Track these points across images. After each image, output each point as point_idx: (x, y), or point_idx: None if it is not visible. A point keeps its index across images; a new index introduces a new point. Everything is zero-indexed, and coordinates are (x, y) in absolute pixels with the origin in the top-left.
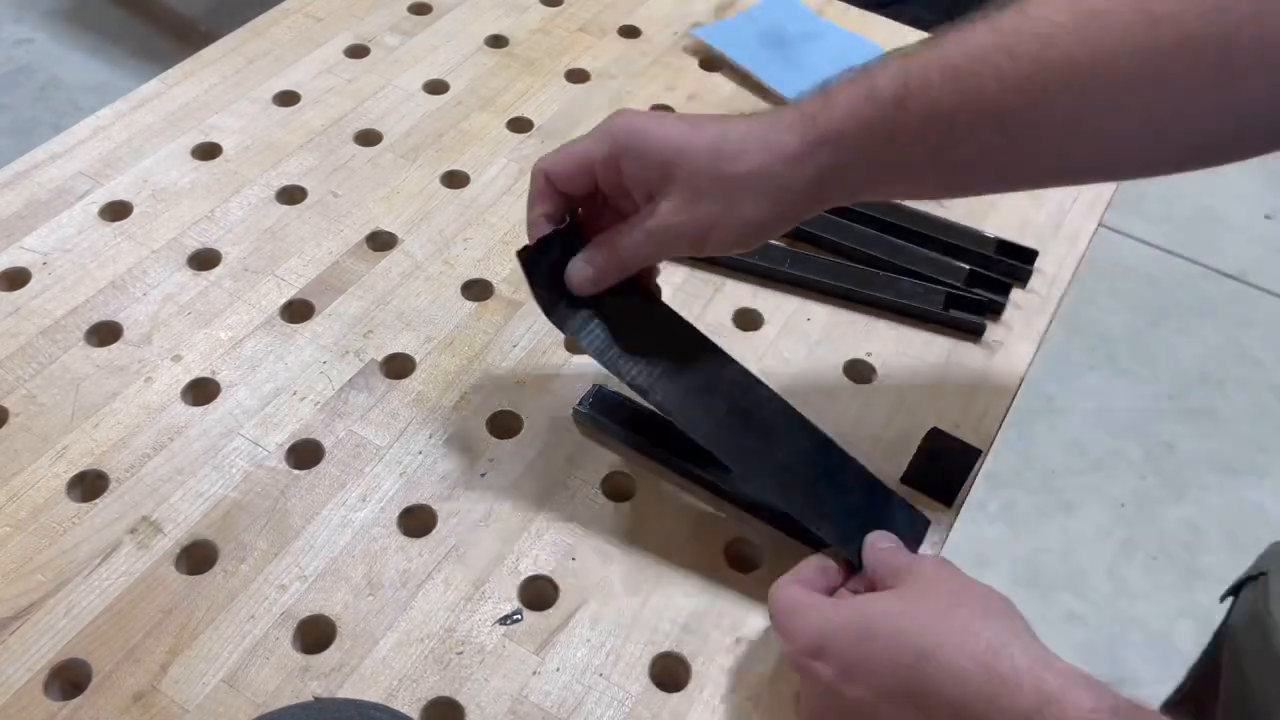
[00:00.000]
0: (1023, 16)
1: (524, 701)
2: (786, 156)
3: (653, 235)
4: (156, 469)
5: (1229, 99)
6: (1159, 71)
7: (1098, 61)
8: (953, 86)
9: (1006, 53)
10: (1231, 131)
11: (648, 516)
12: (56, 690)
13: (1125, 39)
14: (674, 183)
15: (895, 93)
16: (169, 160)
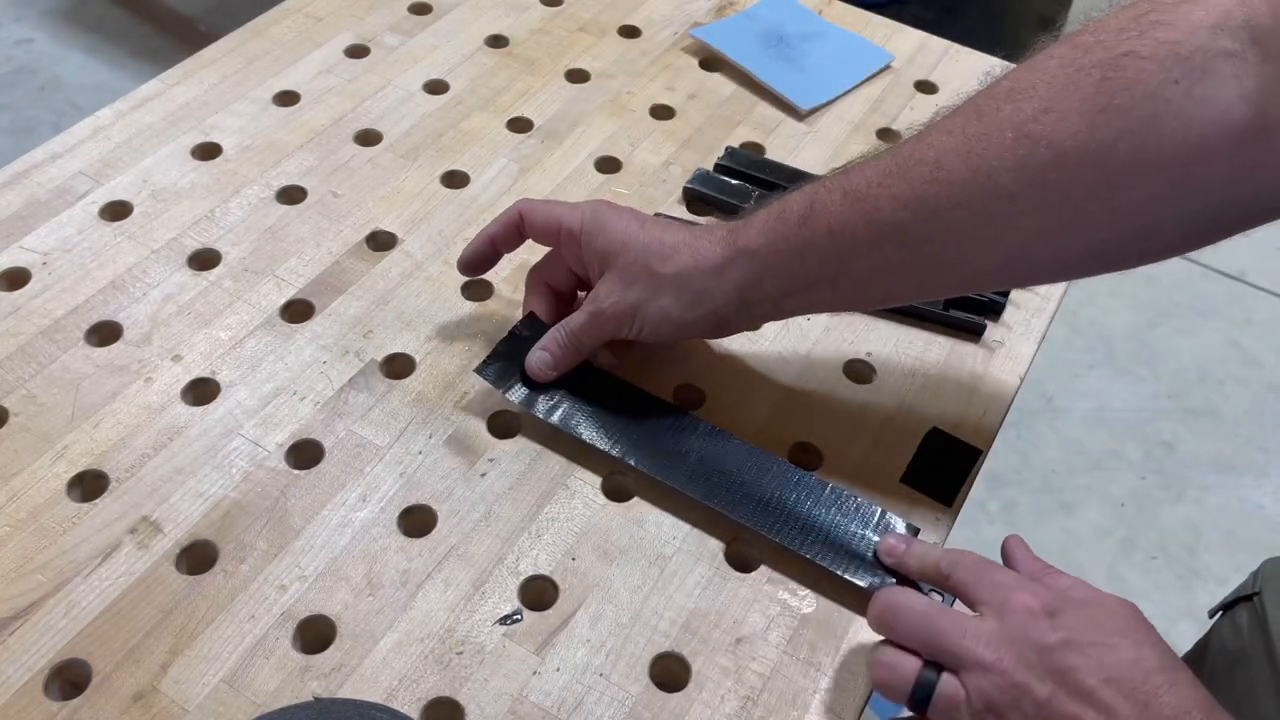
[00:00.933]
0: (919, 143)
1: (524, 701)
2: (708, 266)
3: (592, 316)
4: (156, 469)
5: (1114, 208)
6: (1039, 185)
7: (980, 179)
8: (853, 207)
9: (901, 175)
10: (1122, 237)
11: (648, 516)
12: (56, 690)
13: (1005, 158)
14: (613, 269)
15: (802, 213)
16: (169, 160)
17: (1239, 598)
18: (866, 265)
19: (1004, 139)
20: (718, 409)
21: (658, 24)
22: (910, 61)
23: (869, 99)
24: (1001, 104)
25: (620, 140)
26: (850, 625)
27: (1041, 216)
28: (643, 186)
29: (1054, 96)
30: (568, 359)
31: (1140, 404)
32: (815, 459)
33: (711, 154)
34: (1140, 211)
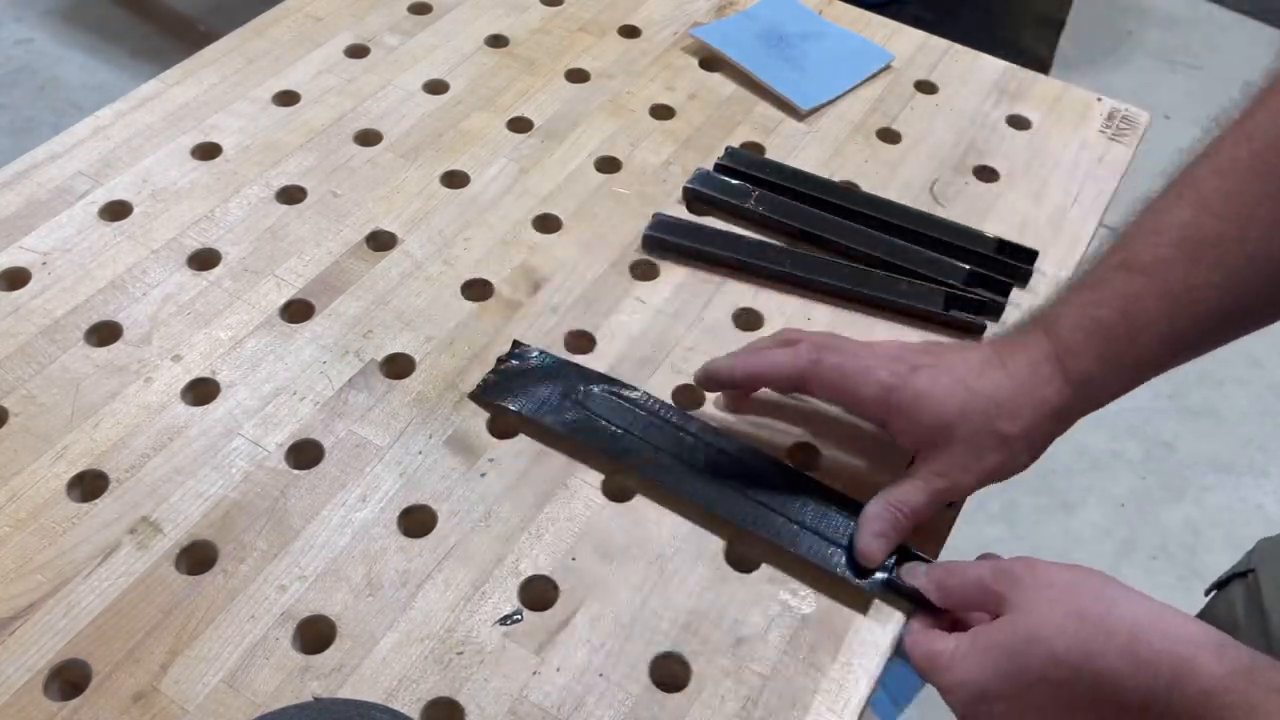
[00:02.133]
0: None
1: (524, 701)
2: (1050, 411)
3: (938, 495)
4: (156, 469)
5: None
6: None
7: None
8: (1176, 311)
9: (1210, 264)
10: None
11: (648, 516)
12: (56, 691)
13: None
14: (954, 443)
15: (1128, 329)
16: (169, 160)
17: (1234, 574)
18: (1195, 355)
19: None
20: (717, 408)
21: (658, 24)
22: (910, 61)
23: (869, 99)
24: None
25: (620, 140)
26: (850, 625)
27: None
28: (643, 186)
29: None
30: (901, 538)
31: (1140, 404)
32: (815, 459)
33: (711, 154)
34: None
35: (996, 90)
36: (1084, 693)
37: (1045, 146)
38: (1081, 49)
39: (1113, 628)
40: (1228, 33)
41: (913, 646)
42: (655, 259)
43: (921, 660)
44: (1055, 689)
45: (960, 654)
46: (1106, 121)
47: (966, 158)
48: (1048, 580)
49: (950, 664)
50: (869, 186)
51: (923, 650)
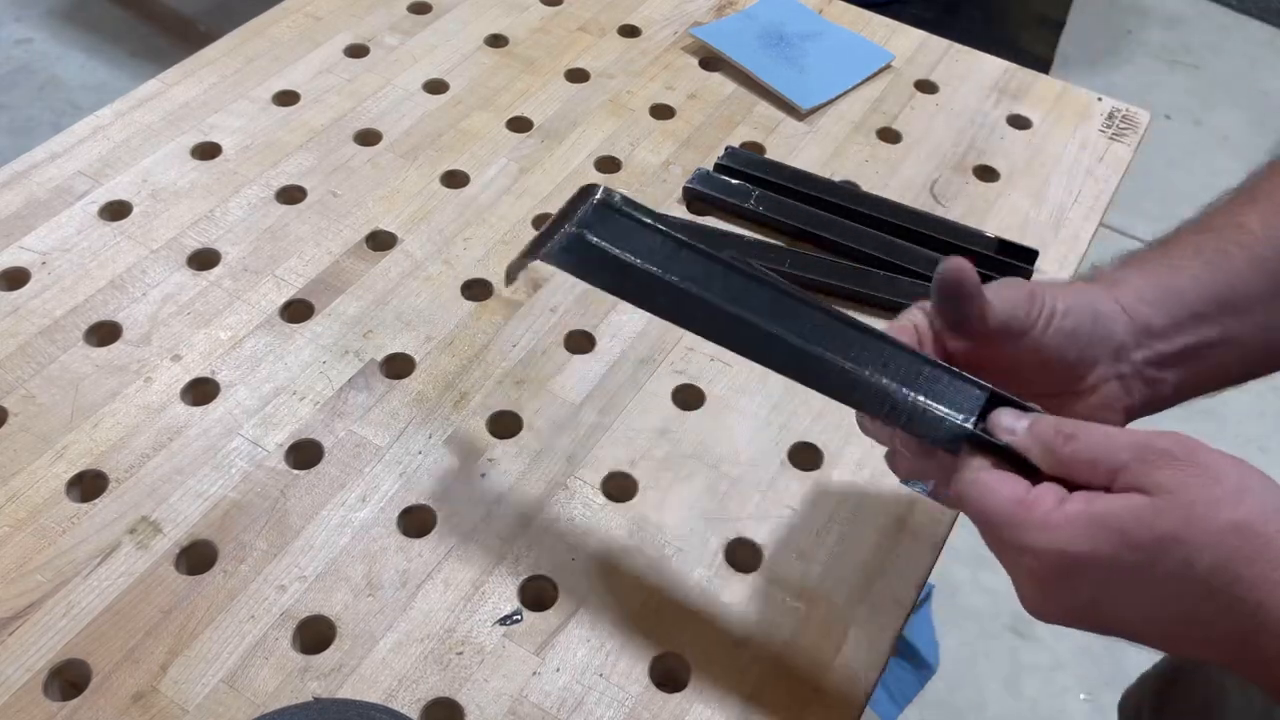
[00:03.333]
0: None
1: (524, 702)
2: (1077, 290)
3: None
4: (156, 469)
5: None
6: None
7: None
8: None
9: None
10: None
11: (648, 516)
12: (56, 691)
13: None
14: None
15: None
16: (168, 160)
17: None
18: (1257, 289)
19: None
20: (717, 408)
21: (657, 23)
22: (910, 61)
23: (869, 99)
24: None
25: (620, 140)
26: (850, 626)
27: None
28: (643, 186)
29: None
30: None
31: None
32: (815, 458)
33: (711, 154)
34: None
35: (997, 90)
36: (1212, 618)
37: (1045, 146)
38: (1081, 49)
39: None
40: (1228, 33)
41: (984, 486)
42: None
43: (1004, 505)
44: (1178, 602)
45: (1065, 515)
46: (1106, 121)
47: (966, 157)
48: (1213, 473)
49: (1046, 521)
50: (869, 186)
51: (1005, 494)
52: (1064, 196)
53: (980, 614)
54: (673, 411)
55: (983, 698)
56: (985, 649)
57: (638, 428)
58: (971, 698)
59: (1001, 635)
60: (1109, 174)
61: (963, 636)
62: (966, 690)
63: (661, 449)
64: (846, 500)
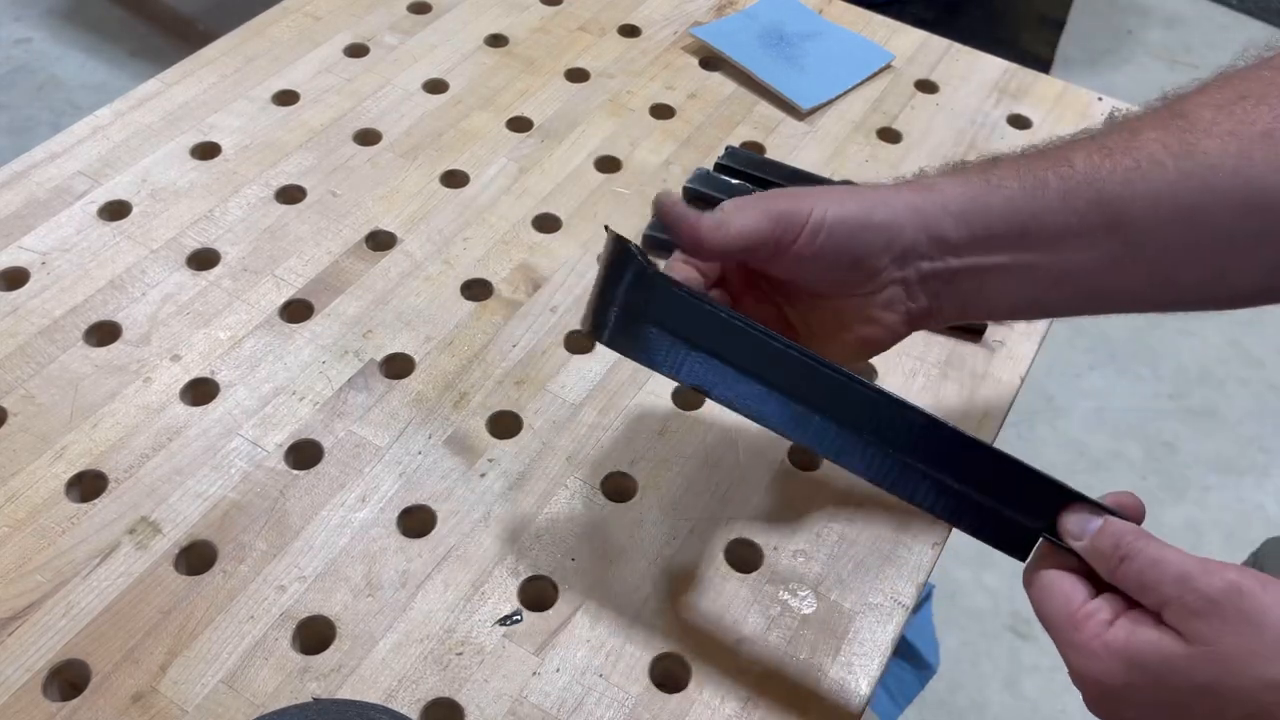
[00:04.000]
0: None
1: (524, 702)
2: (880, 186)
3: (756, 201)
4: (155, 469)
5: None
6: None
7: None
8: (1040, 159)
9: (1092, 137)
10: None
11: (648, 516)
12: (55, 691)
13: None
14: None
15: (982, 163)
16: (168, 160)
17: None
18: (1057, 223)
19: (1202, 117)
20: (717, 408)
21: (657, 23)
22: (911, 61)
23: (869, 98)
24: (1191, 97)
25: (620, 140)
26: (850, 625)
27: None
28: (643, 186)
29: (1246, 86)
30: (730, 242)
31: (1141, 404)
32: (815, 459)
33: (711, 153)
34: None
35: (997, 89)
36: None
37: None
38: (1082, 48)
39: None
40: (1228, 33)
41: (1043, 588)
42: (656, 258)
43: (1056, 614)
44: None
45: (1105, 644)
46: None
47: (967, 157)
48: (1256, 625)
49: (1087, 646)
50: None
51: (1059, 603)
52: None
53: (980, 614)
54: (673, 411)
55: (983, 698)
56: (985, 649)
57: (638, 428)
58: (972, 698)
59: (1002, 635)
60: None
61: (963, 636)
62: (967, 690)
63: (661, 449)
64: (846, 500)
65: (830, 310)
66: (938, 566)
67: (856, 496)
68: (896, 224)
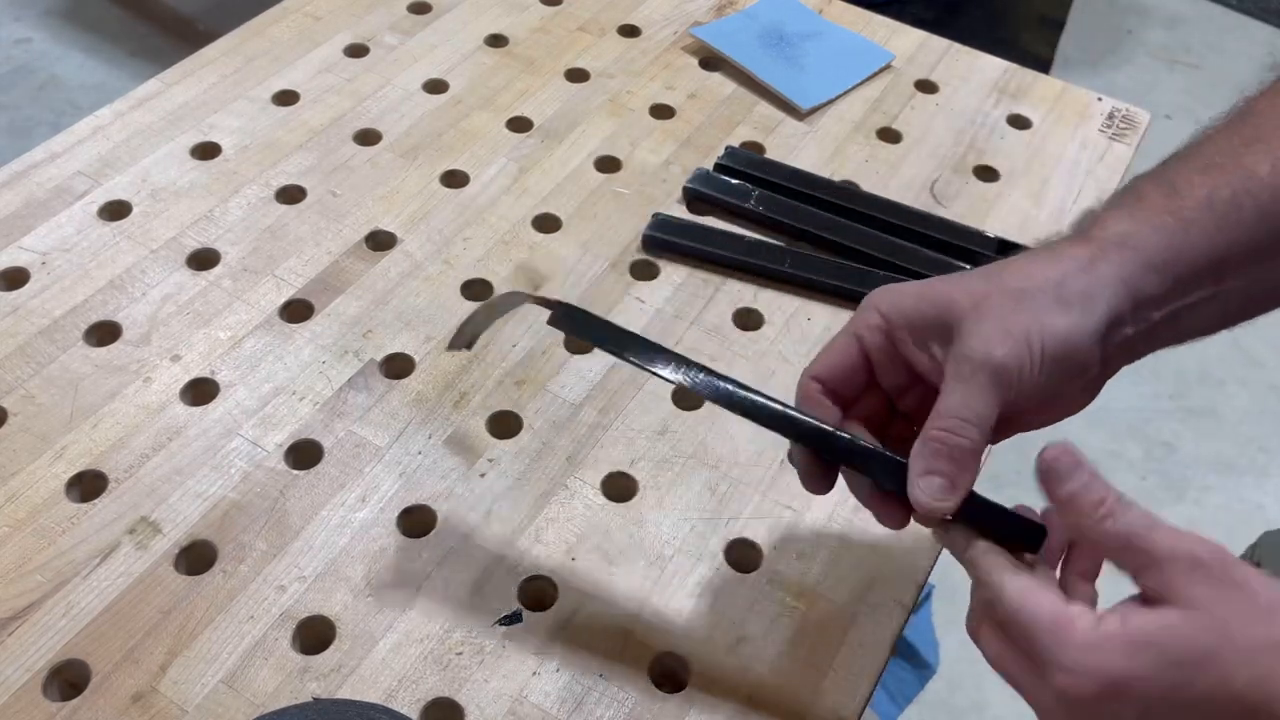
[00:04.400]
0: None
1: (524, 702)
2: (1076, 265)
3: (985, 378)
4: (155, 469)
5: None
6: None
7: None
8: (1221, 177)
9: (1261, 140)
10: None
11: (648, 517)
12: (55, 691)
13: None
14: (965, 318)
15: (1163, 190)
16: (168, 160)
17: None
18: (1255, 244)
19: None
20: (717, 409)
21: (657, 23)
22: (910, 61)
23: (869, 98)
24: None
25: (620, 140)
26: (850, 625)
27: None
28: (643, 186)
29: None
30: (970, 471)
31: (1141, 404)
32: None
33: (711, 153)
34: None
35: (997, 90)
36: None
37: (1045, 146)
38: (1082, 48)
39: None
40: (1228, 33)
41: (1022, 596)
42: (655, 259)
43: (1042, 621)
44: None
45: (1103, 634)
46: (1107, 121)
47: (967, 157)
48: (1247, 590)
49: (1083, 641)
50: (869, 186)
51: (1046, 609)
52: (1064, 196)
53: None
54: (673, 411)
55: (983, 697)
56: None
57: (638, 428)
58: (972, 698)
59: None
60: (1109, 174)
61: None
62: (966, 690)
63: (661, 449)
64: (846, 500)
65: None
66: (938, 566)
67: None
68: (1110, 314)
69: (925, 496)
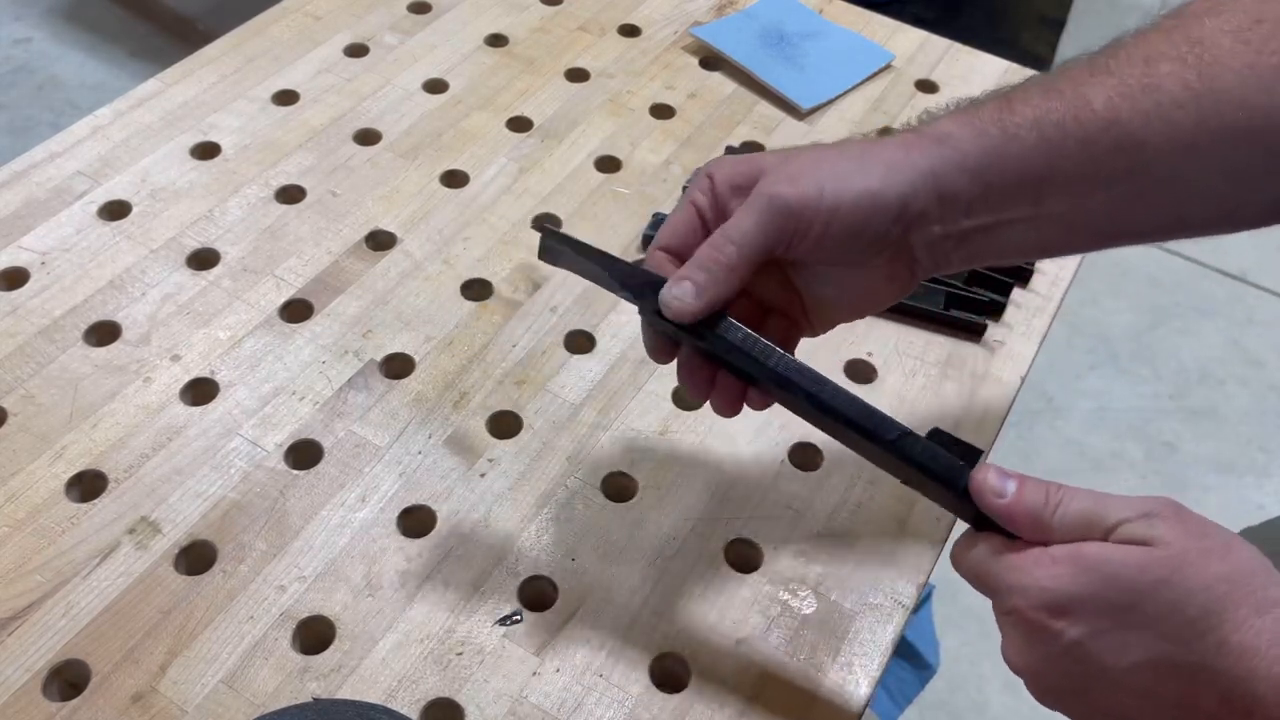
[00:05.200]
0: (1120, 49)
1: (523, 702)
2: (892, 145)
3: (764, 208)
4: (155, 469)
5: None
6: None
7: (1203, 80)
8: (1059, 101)
9: (1110, 72)
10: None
11: (648, 516)
12: (55, 691)
13: (1226, 60)
14: (769, 170)
15: (997, 105)
16: (168, 159)
17: None
18: (1077, 171)
19: (1220, 46)
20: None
21: (657, 23)
22: (911, 61)
23: (869, 98)
24: (1204, 19)
25: (620, 139)
26: (850, 625)
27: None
28: (643, 186)
29: (1262, 9)
30: (722, 284)
31: (1141, 404)
32: (815, 458)
33: (712, 153)
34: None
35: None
36: (1199, 662)
37: None
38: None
39: (1267, 604)
40: None
41: (970, 546)
42: None
43: (992, 561)
44: (1165, 644)
45: (1054, 556)
46: None
47: None
48: (1204, 530)
49: (1032, 564)
50: None
51: (999, 544)
52: None
53: (981, 614)
54: (673, 411)
55: (983, 698)
56: (986, 649)
57: (638, 428)
58: (972, 698)
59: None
60: None
61: (963, 636)
62: (967, 690)
63: (661, 449)
64: (846, 500)
65: (834, 274)
66: (938, 566)
67: (856, 496)
68: (909, 194)
69: (671, 298)
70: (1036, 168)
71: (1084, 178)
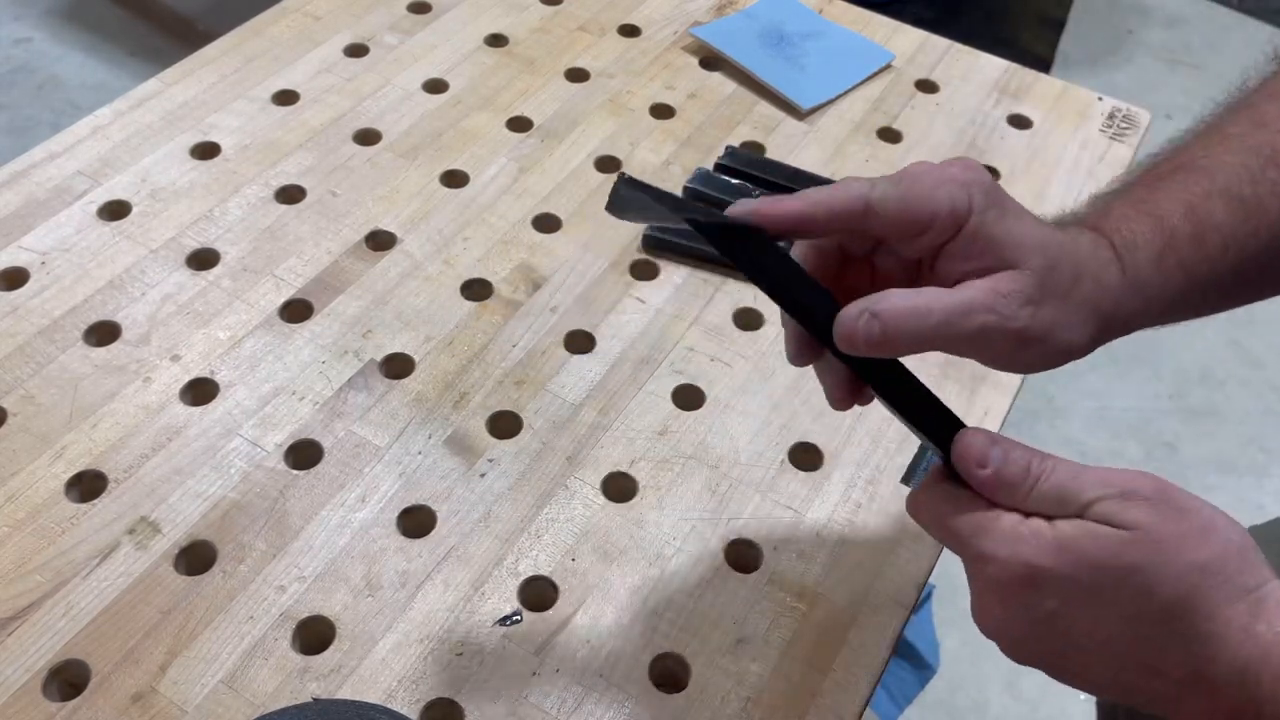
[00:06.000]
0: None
1: (523, 702)
2: (1110, 297)
3: (991, 301)
4: (155, 469)
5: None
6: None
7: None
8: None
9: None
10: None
11: (648, 517)
12: (55, 691)
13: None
14: (1027, 267)
15: (1187, 226)
16: (168, 159)
17: None
18: (1257, 286)
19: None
20: (717, 408)
21: (657, 23)
22: (911, 61)
23: (869, 98)
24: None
25: (620, 139)
26: (850, 625)
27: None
28: None
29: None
30: (910, 341)
31: (1142, 404)
32: (815, 458)
33: (712, 153)
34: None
35: (997, 89)
36: (1166, 642)
37: (1046, 146)
38: (1082, 48)
39: (1239, 593)
40: (1228, 33)
41: (947, 495)
42: (655, 259)
43: (964, 524)
44: (1134, 624)
45: (1030, 531)
46: (1107, 121)
47: (967, 157)
48: (1182, 511)
49: (1008, 536)
50: None
51: (970, 504)
52: (1065, 196)
53: None
54: (673, 411)
55: (983, 698)
56: (986, 649)
57: (638, 428)
58: (972, 698)
59: None
60: (1110, 174)
61: (963, 636)
62: (967, 690)
63: (661, 449)
64: (846, 500)
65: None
66: (938, 566)
67: (856, 496)
68: (1099, 273)
69: (860, 336)
70: (1212, 291)
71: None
